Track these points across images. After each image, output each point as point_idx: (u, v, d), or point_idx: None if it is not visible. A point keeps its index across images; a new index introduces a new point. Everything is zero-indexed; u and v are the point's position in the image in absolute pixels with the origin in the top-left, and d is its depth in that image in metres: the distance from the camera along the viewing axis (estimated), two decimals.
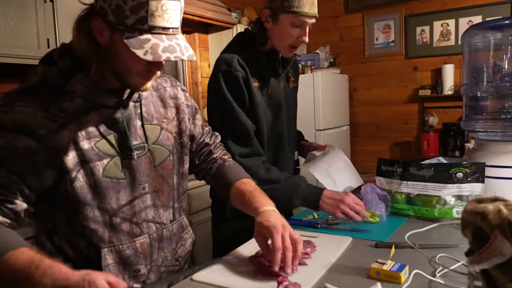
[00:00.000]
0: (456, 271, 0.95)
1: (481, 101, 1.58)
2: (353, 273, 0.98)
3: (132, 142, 0.95)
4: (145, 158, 0.98)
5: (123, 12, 0.81)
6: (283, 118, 1.50)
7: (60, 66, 0.88)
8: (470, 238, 0.63)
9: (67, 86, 0.88)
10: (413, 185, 1.36)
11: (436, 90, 3.99)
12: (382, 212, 1.36)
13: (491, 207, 0.59)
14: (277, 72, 1.48)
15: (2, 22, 1.99)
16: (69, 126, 0.87)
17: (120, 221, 0.94)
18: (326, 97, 3.87)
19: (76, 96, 0.89)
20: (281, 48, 1.41)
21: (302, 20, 1.32)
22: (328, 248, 1.13)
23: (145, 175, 0.98)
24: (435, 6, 4.02)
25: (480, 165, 1.29)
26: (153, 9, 0.80)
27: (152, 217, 1.01)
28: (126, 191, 0.95)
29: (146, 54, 0.81)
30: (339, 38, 4.57)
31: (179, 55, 0.84)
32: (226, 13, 3.52)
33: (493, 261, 0.56)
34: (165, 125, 1.05)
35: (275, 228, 0.96)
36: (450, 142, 3.86)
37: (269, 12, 1.36)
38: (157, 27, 0.82)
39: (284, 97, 1.51)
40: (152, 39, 0.82)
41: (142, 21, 0.81)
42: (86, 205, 0.89)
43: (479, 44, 1.56)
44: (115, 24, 0.82)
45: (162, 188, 1.03)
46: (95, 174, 0.89)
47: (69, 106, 0.88)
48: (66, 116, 0.87)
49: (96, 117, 0.91)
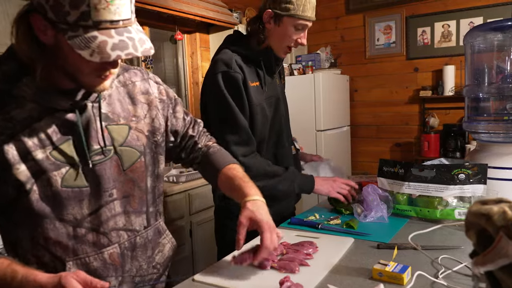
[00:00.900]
0: (459, 272, 0.95)
1: (483, 103, 1.58)
2: (355, 274, 0.97)
3: (93, 147, 0.87)
4: (111, 162, 0.90)
5: (62, 8, 0.71)
6: (281, 113, 1.54)
7: (4, 70, 0.80)
8: (475, 239, 0.63)
9: (14, 91, 0.80)
10: (415, 186, 1.36)
11: (437, 91, 3.99)
12: (384, 213, 1.36)
13: (495, 209, 0.58)
14: (273, 70, 1.51)
15: (4, 22, 1.99)
16: (19, 136, 0.79)
17: (86, 231, 0.88)
18: (327, 98, 3.87)
19: (26, 101, 0.80)
20: (279, 48, 1.45)
21: (304, 24, 1.39)
22: (330, 249, 1.13)
23: (111, 181, 0.90)
24: (436, 7, 4.02)
25: (482, 167, 1.29)
26: (95, 2, 0.70)
27: (123, 225, 0.94)
28: (91, 200, 0.88)
29: (93, 54, 0.72)
30: (340, 38, 4.57)
31: (131, 52, 0.74)
32: (227, 13, 3.52)
33: (498, 263, 0.56)
34: (134, 124, 0.96)
35: (269, 226, 0.96)
36: (450, 143, 3.86)
37: (272, 13, 1.39)
38: (104, 21, 0.72)
39: (280, 93, 1.56)
40: (99, 36, 0.72)
41: (85, 17, 0.71)
42: (45, 217, 0.84)
43: (482, 45, 1.56)
44: (55, 22, 0.73)
45: (133, 193, 0.95)
46: (53, 185, 0.82)
47: (17, 113, 0.80)
48: (13, 126, 0.79)
49: (50, 123, 0.82)
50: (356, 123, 4.55)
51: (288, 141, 1.60)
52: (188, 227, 2.64)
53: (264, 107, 1.45)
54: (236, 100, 1.38)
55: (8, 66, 0.81)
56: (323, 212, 1.50)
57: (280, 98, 1.54)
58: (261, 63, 1.45)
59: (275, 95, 1.51)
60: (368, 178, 1.70)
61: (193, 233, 2.66)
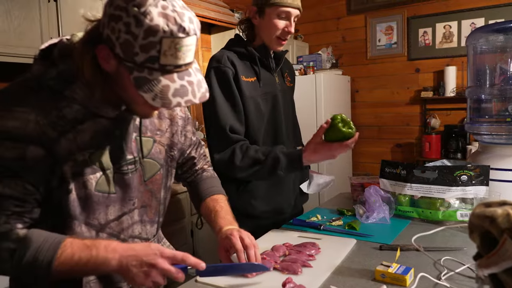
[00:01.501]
0: (461, 274, 0.95)
1: (485, 104, 1.58)
2: (358, 275, 0.97)
3: (126, 156, 0.90)
4: (137, 172, 0.94)
5: (132, 48, 0.72)
6: (280, 110, 1.54)
7: (60, 69, 0.81)
8: (478, 242, 0.63)
9: (66, 92, 0.81)
10: (417, 188, 1.36)
11: (438, 92, 3.99)
12: (386, 214, 1.36)
13: (499, 211, 0.59)
14: (270, 66, 1.53)
15: (6, 22, 1.99)
16: (67, 135, 0.81)
17: (107, 237, 0.90)
18: (328, 98, 3.87)
19: (75, 103, 0.82)
20: (270, 41, 1.46)
21: (286, 11, 1.39)
22: (332, 250, 1.13)
23: (136, 190, 0.94)
24: (437, 8, 4.02)
25: (484, 168, 1.29)
26: (165, 48, 0.72)
27: (139, 233, 0.97)
28: (116, 206, 0.90)
29: (155, 99, 0.73)
30: (341, 39, 4.57)
31: (190, 99, 0.76)
32: (229, 13, 3.52)
33: (502, 265, 0.56)
34: (158, 138, 0.99)
35: (232, 234, 0.99)
36: (452, 144, 3.86)
37: (256, 8, 1.43)
38: (169, 65, 0.74)
39: (280, 91, 1.55)
40: (162, 80, 0.74)
41: (153, 60, 0.73)
42: (75, 219, 0.85)
43: (484, 46, 1.56)
44: (122, 58, 0.74)
45: (151, 203, 0.99)
46: (87, 188, 0.85)
47: (67, 112, 0.81)
48: (65, 124, 0.81)
49: (91, 127, 0.84)
50: (357, 124, 4.54)
51: (289, 139, 1.59)
52: (189, 227, 2.64)
53: (258, 102, 1.46)
54: (224, 93, 1.41)
55: (66, 66, 0.82)
56: (325, 213, 1.51)
57: (279, 96, 1.54)
58: (256, 59, 1.47)
59: (272, 91, 1.52)
60: (370, 179, 1.70)
61: (194, 233, 2.66)
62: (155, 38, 0.71)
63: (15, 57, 2.04)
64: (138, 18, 0.71)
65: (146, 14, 0.71)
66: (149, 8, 0.71)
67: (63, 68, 0.82)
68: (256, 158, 1.36)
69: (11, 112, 0.76)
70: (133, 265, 0.79)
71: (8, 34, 2.00)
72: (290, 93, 1.67)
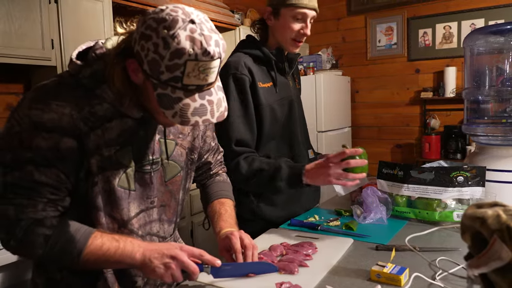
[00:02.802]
0: (455, 274, 0.96)
1: (482, 105, 1.59)
2: (354, 275, 0.99)
3: (148, 156, 0.95)
4: (158, 172, 0.98)
5: (158, 67, 0.76)
6: (295, 114, 1.52)
7: (94, 69, 0.86)
8: (470, 242, 0.64)
9: (97, 91, 0.86)
10: (414, 188, 1.37)
11: (438, 92, 4.00)
12: (383, 215, 1.37)
13: (490, 212, 0.60)
14: (285, 70, 1.51)
15: (7, 23, 2.00)
16: (97, 131, 0.86)
17: (127, 232, 0.94)
18: (328, 99, 3.88)
19: (105, 101, 0.87)
20: (285, 42, 1.43)
21: (302, 13, 1.37)
22: (329, 250, 1.14)
23: (155, 190, 0.98)
24: (437, 9, 4.03)
25: (480, 169, 1.30)
26: (189, 70, 0.76)
27: (157, 231, 1.01)
28: (135, 203, 0.94)
29: (175, 116, 0.78)
30: (342, 40, 4.58)
31: (208, 118, 0.80)
32: (229, 14, 3.54)
33: (492, 265, 0.57)
34: (180, 141, 1.03)
35: (232, 234, 1.02)
36: (451, 145, 3.87)
37: (271, 9, 1.40)
38: (191, 86, 0.78)
39: (294, 94, 1.54)
40: (184, 99, 0.78)
41: (176, 80, 0.77)
42: (100, 210, 0.90)
43: (481, 48, 1.57)
44: (149, 75, 0.79)
45: (170, 203, 1.03)
46: (111, 183, 0.89)
47: (98, 109, 0.86)
48: (95, 120, 0.86)
49: (118, 126, 0.89)
50: (357, 124, 4.56)
51: (304, 143, 1.58)
52: (189, 227, 2.66)
53: (274, 108, 1.45)
54: (240, 104, 1.39)
55: (99, 67, 0.86)
56: (322, 214, 1.52)
57: (294, 100, 1.52)
58: (273, 63, 1.45)
59: (288, 96, 1.50)
60: (368, 179, 1.71)
61: (194, 233, 2.67)
62: (180, 60, 0.75)
63: (16, 58, 2.06)
64: (166, 40, 0.75)
65: (174, 37, 0.74)
66: (178, 31, 0.75)
67: (96, 68, 0.86)
68: (260, 168, 1.36)
69: (48, 105, 0.81)
70: (155, 257, 0.85)
71: (9, 35, 2.01)
72: (299, 96, 1.66)
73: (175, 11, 0.77)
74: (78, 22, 2.30)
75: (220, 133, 1.40)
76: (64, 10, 2.23)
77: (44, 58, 2.17)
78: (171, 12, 0.77)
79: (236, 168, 1.37)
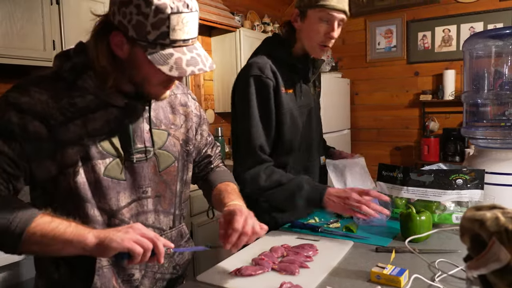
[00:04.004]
0: (455, 276, 0.97)
1: (481, 108, 1.60)
2: (354, 276, 1.00)
3: (137, 145, 0.95)
4: (149, 162, 0.97)
5: (144, 28, 0.80)
6: (314, 122, 1.50)
7: (74, 62, 0.89)
8: (468, 244, 0.65)
9: (79, 82, 0.88)
10: (413, 191, 1.37)
11: (437, 95, 4.01)
12: (383, 217, 1.38)
13: (489, 215, 0.61)
14: (308, 77, 1.47)
15: (9, 24, 2.01)
16: (76, 122, 0.87)
17: (119, 222, 0.93)
18: (328, 101, 3.89)
19: (87, 93, 0.89)
20: (311, 47, 1.38)
21: (329, 14, 1.30)
22: (329, 251, 1.15)
23: (147, 179, 0.97)
24: (436, 12, 4.05)
25: (479, 172, 1.31)
26: (174, 23, 0.80)
27: (152, 222, 1.00)
28: (126, 193, 0.94)
29: (172, 70, 0.82)
30: (341, 42, 4.60)
31: (202, 67, 0.85)
32: (229, 16, 3.55)
33: (491, 267, 0.58)
34: (172, 131, 1.04)
35: (240, 211, 0.96)
36: (450, 148, 3.88)
37: (298, 11, 1.36)
38: (178, 40, 0.82)
39: (314, 101, 1.52)
40: (175, 54, 0.82)
41: (164, 36, 0.81)
42: (87, 202, 0.89)
43: (480, 52, 1.59)
44: (136, 39, 0.82)
45: (165, 194, 1.02)
46: (96, 172, 0.89)
47: (79, 101, 0.88)
48: (75, 111, 0.87)
49: (103, 116, 0.91)
50: (357, 127, 4.57)
51: (318, 151, 1.56)
52: (189, 228, 2.66)
53: (294, 115, 1.41)
54: (261, 106, 1.36)
55: (79, 59, 0.89)
56: (323, 216, 1.52)
57: (313, 108, 1.49)
58: (297, 69, 1.42)
59: (309, 104, 1.47)
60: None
61: (194, 234, 2.68)
62: (164, 15, 0.79)
63: (18, 59, 2.06)
64: None
65: None
66: None
67: (76, 61, 0.90)
68: (279, 181, 1.34)
69: (28, 91, 0.85)
70: (110, 232, 0.82)
71: (10, 36, 2.02)
72: (318, 100, 1.61)
73: None
74: (79, 23, 2.30)
75: (242, 137, 1.37)
76: (65, 11, 2.24)
77: (45, 59, 2.17)
78: None
79: (255, 177, 1.34)
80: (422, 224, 1.20)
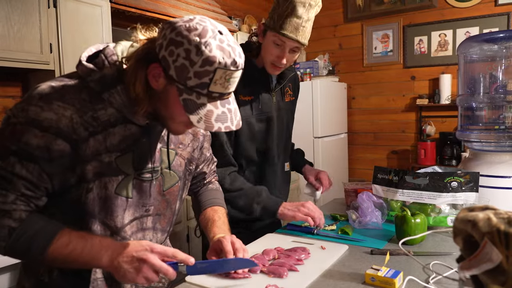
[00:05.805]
0: (449, 278, 0.97)
1: (476, 112, 1.61)
2: (348, 279, 1.00)
3: (148, 164, 0.94)
4: (156, 181, 0.97)
5: (187, 73, 0.78)
6: (273, 132, 1.52)
7: (104, 73, 0.86)
8: (461, 245, 0.65)
9: (105, 95, 0.86)
10: (408, 194, 1.38)
11: (433, 99, 4.03)
12: (378, 219, 1.38)
13: (481, 216, 0.61)
14: (270, 87, 1.50)
15: (6, 27, 2.01)
16: (98, 136, 0.85)
17: (120, 240, 0.92)
18: (325, 105, 3.90)
19: (110, 106, 0.87)
20: (266, 63, 1.42)
21: (281, 41, 1.33)
22: (323, 254, 1.15)
23: (152, 198, 0.97)
24: (433, 16, 4.08)
25: (474, 175, 1.32)
26: (217, 77, 0.79)
27: (150, 239, 1.00)
28: (130, 211, 0.94)
29: (200, 121, 0.80)
30: (338, 46, 4.62)
31: (229, 125, 0.83)
32: (227, 20, 3.56)
33: (483, 267, 0.58)
34: (180, 151, 1.03)
35: (224, 238, 1.03)
36: (446, 151, 3.89)
37: (263, 27, 1.39)
38: (215, 93, 0.81)
39: (276, 110, 1.52)
40: (207, 105, 0.81)
41: (203, 86, 0.79)
42: (92, 217, 0.89)
43: (475, 56, 1.60)
44: (175, 80, 0.80)
45: (165, 213, 1.03)
46: (108, 189, 0.88)
47: (101, 114, 0.86)
48: (97, 125, 0.85)
49: (121, 131, 0.88)
50: (354, 130, 4.58)
51: (279, 159, 1.58)
52: (185, 232, 2.66)
53: (252, 123, 1.45)
54: None
55: (110, 72, 0.87)
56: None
57: (274, 116, 1.51)
58: (256, 78, 1.44)
59: (268, 112, 1.49)
60: (363, 185, 1.72)
61: (190, 238, 2.67)
62: (211, 67, 0.78)
63: (15, 62, 2.06)
64: (199, 47, 0.77)
65: (206, 45, 0.77)
66: (209, 39, 0.78)
67: (106, 73, 0.86)
68: (241, 188, 1.41)
69: (50, 104, 0.81)
70: (124, 261, 0.82)
71: (7, 39, 2.02)
72: (289, 109, 1.63)
73: (204, 21, 0.80)
74: (76, 26, 2.31)
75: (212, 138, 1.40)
76: (63, 14, 2.25)
77: (42, 62, 2.17)
78: (200, 22, 0.79)
79: (221, 178, 1.38)
80: (417, 227, 1.20)
